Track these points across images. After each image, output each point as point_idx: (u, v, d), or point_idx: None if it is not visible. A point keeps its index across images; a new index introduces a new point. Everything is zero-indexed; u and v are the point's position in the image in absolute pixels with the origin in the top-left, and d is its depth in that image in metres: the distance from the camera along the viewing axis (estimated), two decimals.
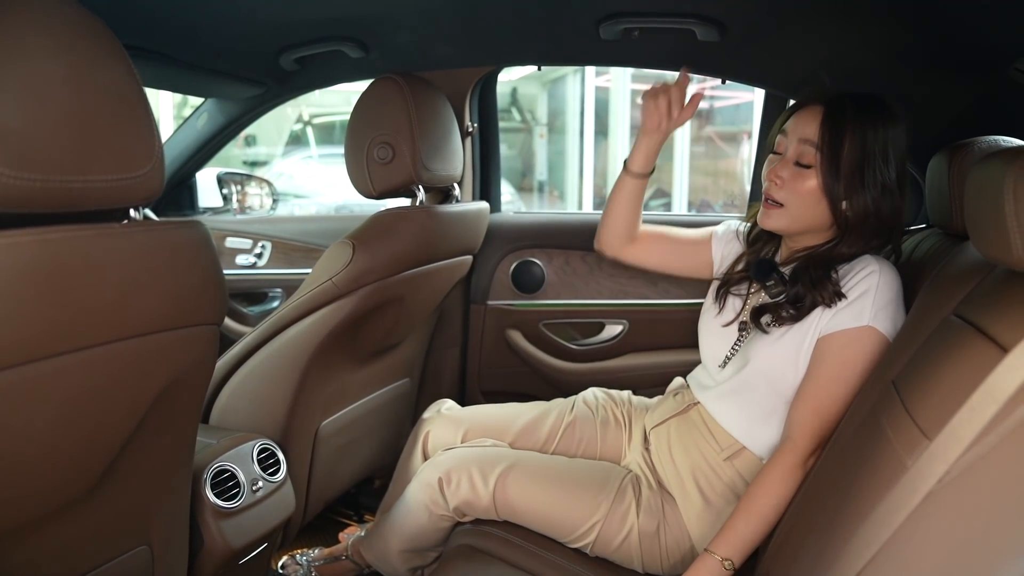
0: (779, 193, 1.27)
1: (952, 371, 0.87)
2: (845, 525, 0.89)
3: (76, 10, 0.82)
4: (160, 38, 1.63)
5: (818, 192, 1.24)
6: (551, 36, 1.73)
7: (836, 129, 1.22)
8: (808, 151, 1.24)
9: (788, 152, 1.28)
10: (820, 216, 1.26)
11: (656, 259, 1.55)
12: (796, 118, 1.28)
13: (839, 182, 1.22)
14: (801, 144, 1.25)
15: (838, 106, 1.24)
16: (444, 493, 1.42)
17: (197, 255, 0.95)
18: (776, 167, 1.28)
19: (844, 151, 1.22)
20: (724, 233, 1.53)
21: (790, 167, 1.27)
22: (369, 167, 1.56)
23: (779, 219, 1.28)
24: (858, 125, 1.22)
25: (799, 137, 1.26)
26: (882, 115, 1.25)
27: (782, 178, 1.26)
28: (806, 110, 1.27)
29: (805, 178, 1.25)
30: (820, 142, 1.23)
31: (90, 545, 1.03)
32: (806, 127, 1.25)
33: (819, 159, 1.23)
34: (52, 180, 0.76)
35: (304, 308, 1.52)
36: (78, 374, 0.85)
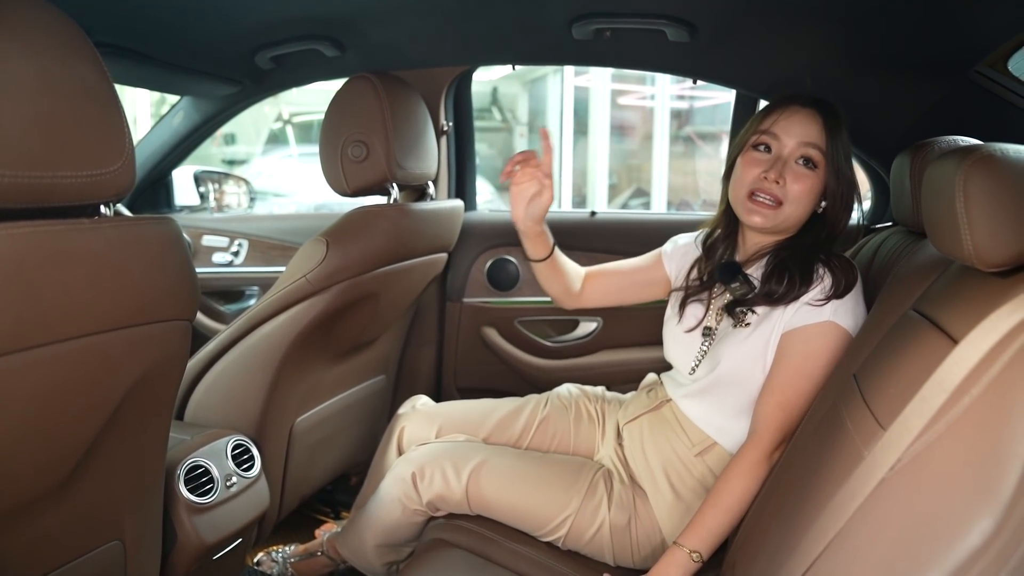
0: (779, 190, 1.28)
1: (907, 363, 0.89)
2: (806, 514, 0.91)
3: (47, 10, 0.82)
4: (136, 36, 1.63)
5: (816, 192, 1.29)
6: (524, 36, 1.75)
7: (835, 131, 1.28)
8: (814, 153, 1.28)
9: (786, 152, 1.29)
10: (805, 214, 1.31)
11: (613, 297, 1.59)
12: (789, 120, 1.30)
13: (840, 183, 1.28)
14: (804, 146, 1.28)
15: (831, 111, 1.30)
16: (417, 488, 1.43)
17: (168, 251, 0.96)
18: (778, 166, 1.28)
19: (842, 153, 1.28)
20: (673, 249, 1.56)
21: (792, 167, 1.29)
22: (343, 165, 1.57)
23: (774, 217, 1.29)
24: (845, 130, 1.30)
25: (801, 139, 1.28)
26: (845, 120, 1.31)
27: (785, 178, 1.28)
28: (801, 113, 1.30)
29: (808, 178, 1.28)
30: (826, 145, 1.27)
31: (62, 539, 1.03)
32: (806, 129, 1.28)
33: (825, 161, 1.28)
34: (20, 175, 0.77)
35: (278, 305, 1.53)
36: (47, 369, 0.86)
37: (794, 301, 1.25)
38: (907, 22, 1.39)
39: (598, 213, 2.15)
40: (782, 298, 1.26)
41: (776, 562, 0.93)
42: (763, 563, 1.00)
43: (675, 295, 1.49)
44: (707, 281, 1.43)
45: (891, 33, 1.44)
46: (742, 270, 1.36)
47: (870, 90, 1.61)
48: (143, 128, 5.72)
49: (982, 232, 0.81)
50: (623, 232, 2.14)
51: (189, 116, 2.21)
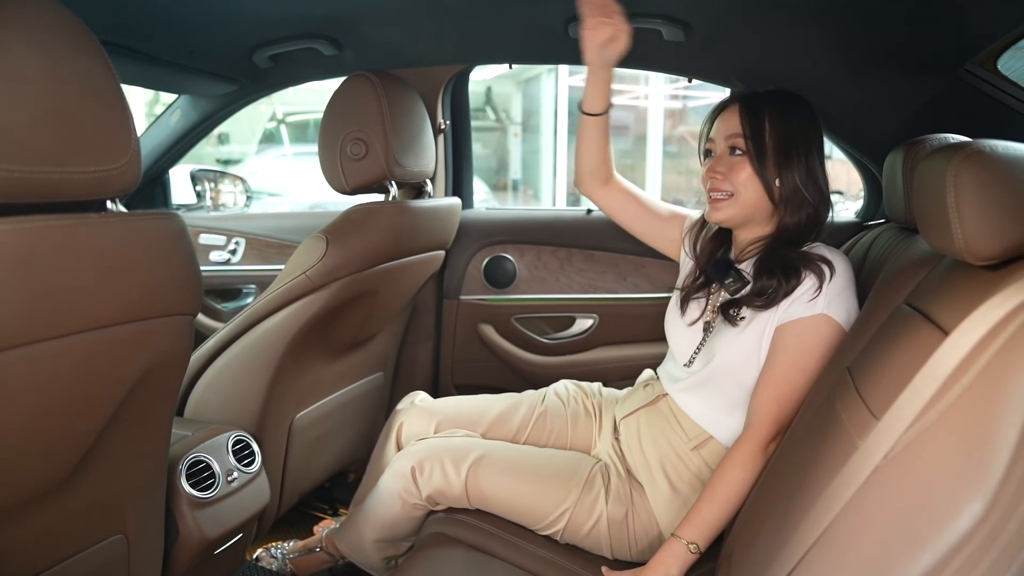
0: (724, 183, 1.34)
1: (900, 355, 0.91)
2: (801, 503, 0.93)
3: (54, 7, 0.84)
4: (133, 35, 1.64)
5: (752, 175, 1.32)
6: (521, 35, 1.76)
7: (754, 117, 1.33)
8: (739, 140, 1.33)
9: (719, 149, 1.36)
10: (760, 200, 1.33)
11: (629, 216, 1.60)
12: (719, 121, 1.38)
13: (767, 162, 1.31)
14: (730, 138, 1.34)
15: (752, 99, 1.36)
16: (417, 482, 1.45)
17: (174, 246, 0.97)
18: (712, 163, 1.36)
19: (766, 135, 1.32)
20: (690, 224, 1.57)
21: (725, 159, 1.35)
22: (342, 163, 1.58)
23: (728, 209, 1.35)
24: (775, 112, 1.33)
25: (725, 135, 1.35)
26: (794, 105, 1.35)
27: (721, 172, 1.34)
28: (726, 111, 1.37)
29: (740, 165, 1.33)
30: (744, 130, 1.32)
31: (66, 533, 1.04)
32: (729, 124, 1.35)
33: (747, 145, 1.32)
34: (30, 171, 0.78)
35: (278, 302, 1.54)
36: (55, 362, 0.87)
37: (786, 297, 1.27)
38: (898, 21, 1.41)
39: (594, 211, 2.17)
40: (773, 295, 1.28)
41: (772, 551, 0.95)
42: (759, 552, 1.02)
43: (676, 292, 1.51)
44: (705, 279, 1.46)
45: (883, 32, 1.46)
46: (734, 265, 1.39)
47: (863, 88, 1.63)
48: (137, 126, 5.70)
49: (972, 226, 0.83)
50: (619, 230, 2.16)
51: (186, 115, 2.22)
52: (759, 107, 1.33)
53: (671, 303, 1.52)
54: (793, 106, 1.35)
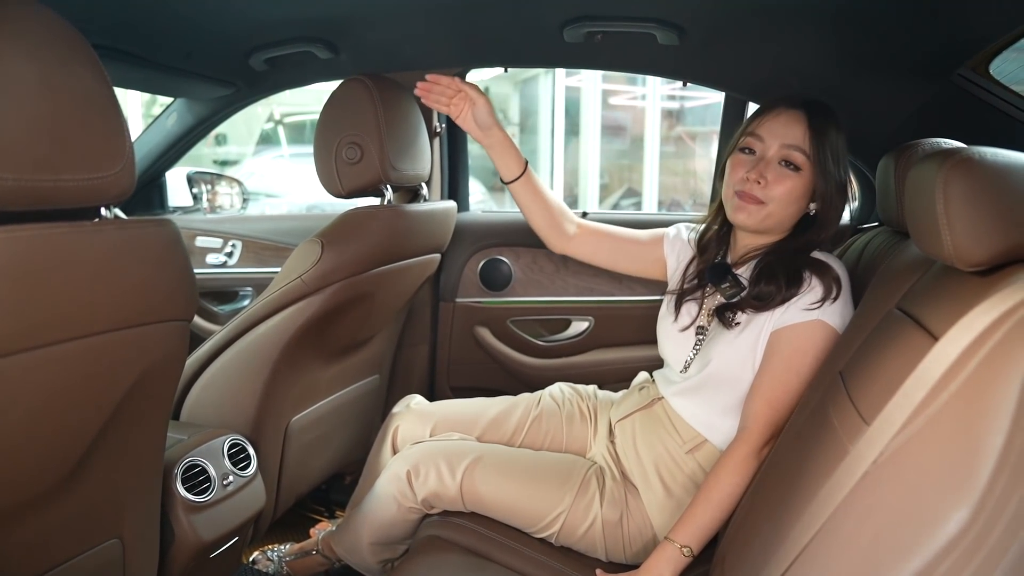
0: (762, 191, 1.30)
1: (891, 360, 0.92)
2: (793, 507, 0.94)
3: (48, 15, 0.84)
4: (129, 38, 1.64)
5: (800, 193, 1.30)
6: (517, 39, 1.77)
7: (821, 134, 1.29)
8: (796, 155, 1.30)
9: (770, 153, 1.32)
10: (794, 215, 1.33)
11: (604, 256, 1.60)
12: (774, 122, 1.32)
13: (828, 185, 1.30)
14: (786, 148, 1.30)
15: (819, 112, 1.31)
16: (412, 485, 1.45)
17: (168, 253, 0.97)
18: (760, 167, 1.31)
19: (829, 156, 1.29)
20: (675, 236, 1.57)
21: (774, 168, 1.31)
22: (338, 167, 1.58)
23: (756, 215, 1.32)
24: (836, 132, 1.31)
25: (783, 142, 1.30)
26: (837, 121, 1.33)
27: (767, 178, 1.30)
28: (785, 114, 1.32)
29: (791, 179, 1.30)
30: (810, 147, 1.29)
31: (62, 537, 1.04)
32: (789, 131, 1.30)
33: (809, 164, 1.29)
34: (24, 179, 0.78)
35: (274, 305, 1.54)
36: (50, 369, 0.87)
37: (783, 303, 1.27)
38: (891, 26, 1.42)
39: (589, 214, 2.18)
40: (769, 301, 1.28)
41: (765, 554, 0.96)
42: (752, 556, 1.02)
43: (669, 295, 1.51)
44: (700, 281, 1.45)
45: (876, 36, 1.47)
46: (732, 271, 1.38)
47: (857, 92, 1.64)
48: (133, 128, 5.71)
49: (961, 233, 0.84)
50: None
51: (182, 118, 2.22)
52: (827, 123, 1.30)
53: (663, 309, 1.51)
54: (837, 122, 1.33)
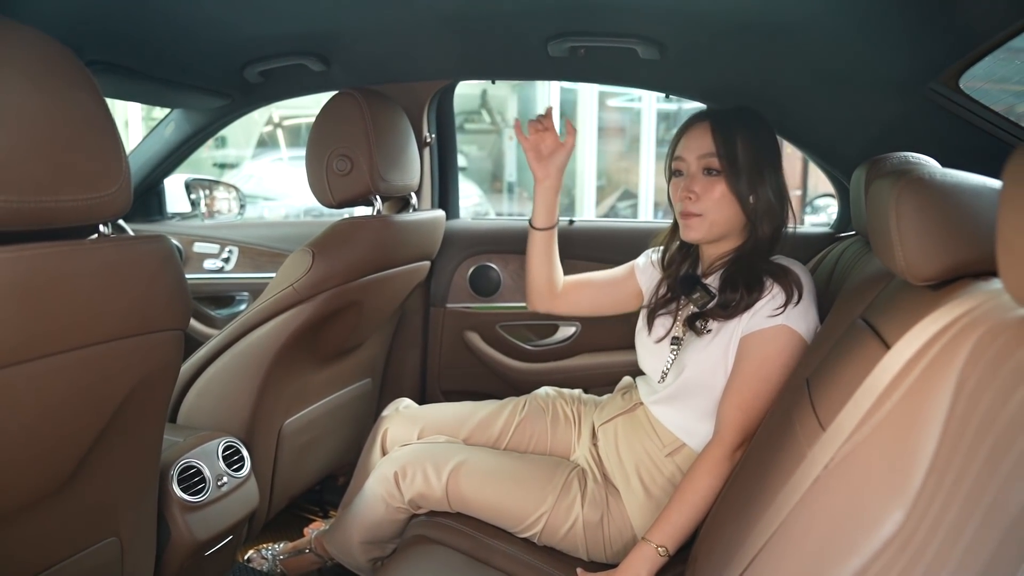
0: (696, 205, 1.37)
1: (848, 368, 0.97)
2: (755, 510, 0.98)
3: (47, 42, 0.89)
4: (127, 53, 1.69)
5: (728, 194, 1.36)
6: (502, 53, 1.81)
7: (728, 135, 1.36)
8: (711, 160, 1.36)
9: (692, 169, 1.39)
10: (734, 216, 1.37)
11: (586, 305, 1.66)
12: (687, 139, 1.40)
13: (742, 179, 1.35)
14: (703, 158, 1.37)
15: (723, 117, 1.39)
16: (400, 486, 1.50)
17: (162, 267, 1.02)
18: (687, 183, 1.39)
19: (739, 153, 1.35)
20: (645, 263, 1.63)
21: (699, 179, 1.38)
22: (329, 178, 1.63)
23: (699, 228, 1.38)
24: (745, 130, 1.37)
25: (699, 154, 1.38)
26: (759, 122, 1.40)
27: (695, 192, 1.37)
28: (694, 129, 1.40)
29: (715, 184, 1.36)
30: (718, 149, 1.35)
31: (61, 536, 1.09)
32: (701, 142, 1.38)
33: (722, 164, 1.35)
34: (26, 201, 0.83)
35: (267, 312, 1.59)
36: (51, 377, 0.92)
37: (747, 309, 1.32)
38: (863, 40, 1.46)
39: (576, 221, 2.23)
40: (734, 308, 1.33)
41: (728, 554, 1.00)
42: (718, 556, 1.07)
43: (644, 310, 1.56)
44: (673, 295, 1.50)
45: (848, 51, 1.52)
46: (701, 281, 1.43)
47: (831, 104, 1.68)
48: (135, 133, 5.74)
49: (912, 249, 0.88)
50: (601, 240, 2.21)
51: (180, 127, 2.27)
52: (731, 126, 1.37)
53: (639, 324, 1.56)
54: (759, 123, 1.40)
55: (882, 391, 0.81)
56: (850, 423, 0.84)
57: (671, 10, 1.47)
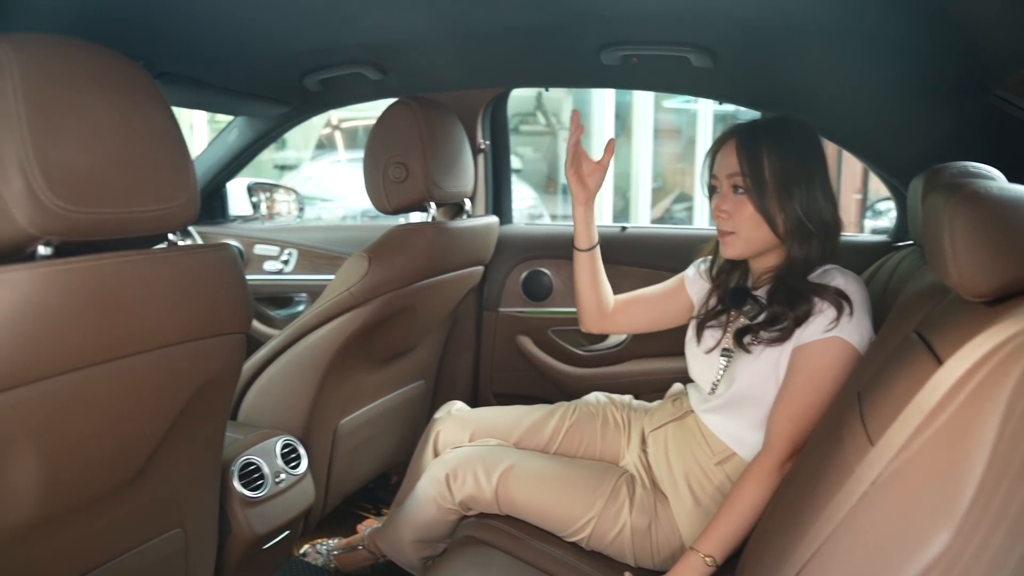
0: (727, 224, 1.37)
1: (900, 383, 0.95)
2: (801, 523, 0.98)
3: (126, 64, 0.95)
4: (195, 65, 1.76)
5: (755, 212, 1.34)
6: (556, 62, 1.83)
7: (752, 152, 1.34)
8: (737, 179, 1.35)
9: (723, 188, 1.38)
10: (766, 234, 1.36)
11: (641, 322, 1.67)
12: (719, 157, 1.40)
13: (767, 198, 1.33)
14: (731, 177, 1.36)
15: (749, 134, 1.37)
16: (451, 488, 1.53)
17: (226, 274, 1.07)
18: (718, 202, 1.39)
19: (765, 170, 1.33)
20: (694, 275, 1.62)
21: (730, 198, 1.37)
22: (385, 185, 1.68)
23: (734, 246, 1.38)
24: (773, 145, 1.34)
25: (727, 173, 1.37)
26: (794, 133, 1.37)
27: (726, 211, 1.37)
28: (723, 147, 1.39)
29: (743, 203, 1.35)
30: (742, 167, 1.34)
31: (132, 526, 1.16)
32: (728, 161, 1.37)
33: (746, 184, 1.34)
34: (105, 212, 0.89)
35: (324, 316, 1.65)
36: (126, 378, 0.98)
37: (798, 326, 1.30)
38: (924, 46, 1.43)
39: (628, 228, 2.23)
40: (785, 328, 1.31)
41: (774, 568, 1.00)
42: (765, 568, 1.06)
43: (693, 321, 1.55)
44: (723, 306, 1.49)
45: (910, 57, 1.48)
46: (751, 293, 1.42)
47: (890, 111, 1.65)
48: (200, 135, 5.93)
49: (966, 265, 0.87)
50: (653, 246, 2.21)
51: (243, 134, 2.35)
52: (757, 142, 1.34)
53: (688, 334, 1.55)
54: (793, 134, 1.37)
55: (932, 408, 0.80)
56: (899, 439, 0.83)
57: (723, 18, 1.46)
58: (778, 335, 1.32)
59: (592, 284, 1.62)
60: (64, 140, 0.85)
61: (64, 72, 0.87)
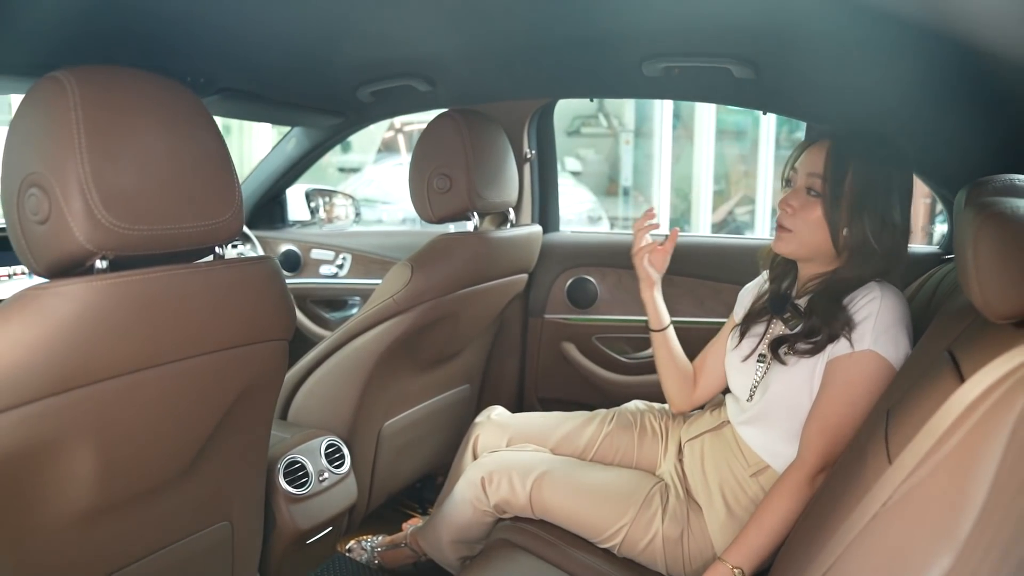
0: (789, 220, 1.37)
1: (924, 402, 0.94)
2: (820, 540, 0.98)
3: (176, 89, 1.02)
4: (254, 80, 1.85)
5: (822, 219, 1.33)
6: (599, 72, 1.86)
7: (840, 160, 1.32)
8: (815, 181, 1.34)
9: (799, 183, 1.38)
10: (823, 242, 1.34)
11: (719, 380, 1.63)
12: (807, 154, 1.38)
13: (839, 210, 1.31)
14: (810, 177, 1.36)
15: (844, 140, 1.35)
16: (486, 491, 1.57)
17: (269, 285, 1.14)
18: (787, 196, 1.38)
19: (847, 181, 1.32)
20: (740, 299, 1.62)
21: (800, 196, 1.36)
22: (429, 195, 1.73)
23: (788, 243, 1.38)
24: (862, 158, 1.32)
25: (808, 171, 1.36)
26: (887, 153, 1.34)
27: (792, 207, 1.36)
28: (816, 146, 1.37)
29: (812, 206, 1.34)
30: (825, 172, 1.33)
31: (182, 517, 1.24)
32: (814, 160, 1.36)
33: (824, 188, 1.33)
34: (155, 229, 0.96)
35: (369, 322, 1.71)
36: (173, 381, 1.05)
37: (831, 341, 1.29)
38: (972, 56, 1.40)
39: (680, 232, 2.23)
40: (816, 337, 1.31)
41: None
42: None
43: (736, 328, 1.54)
44: (765, 312, 1.49)
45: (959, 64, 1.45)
46: (792, 300, 1.42)
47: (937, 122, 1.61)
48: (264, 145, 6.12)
49: (989, 285, 0.85)
50: (698, 255, 2.21)
51: (300, 143, 2.45)
52: (849, 152, 1.33)
53: (729, 342, 1.55)
54: (884, 153, 1.35)
55: (945, 430, 0.80)
56: (912, 460, 0.83)
57: (764, 29, 1.46)
58: (811, 347, 1.32)
59: (672, 361, 1.65)
60: (119, 163, 0.92)
61: (121, 101, 0.94)
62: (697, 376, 1.66)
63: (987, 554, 0.63)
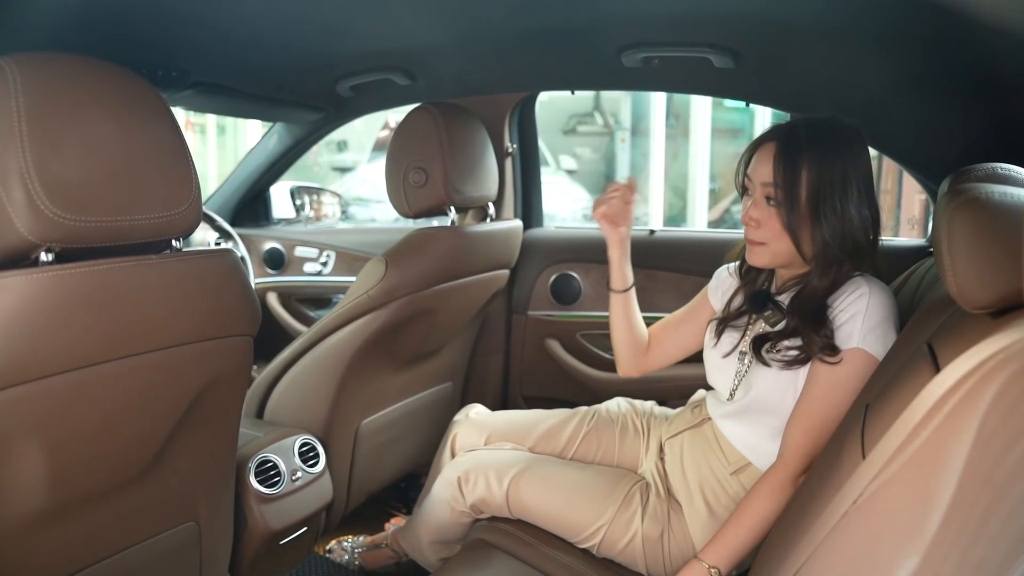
0: (756, 234, 1.30)
1: (899, 396, 0.91)
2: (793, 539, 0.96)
3: (128, 77, 0.99)
4: (228, 74, 1.82)
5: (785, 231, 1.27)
6: (578, 64, 1.83)
7: (790, 164, 1.24)
8: (770, 190, 1.27)
9: (756, 195, 1.30)
10: (794, 250, 1.28)
11: (674, 350, 1.61)
12: (757, 160, 1.30)
13: (797, 216, 1.25)
14: (763, 186, 1.28)
15: (791, 140, 1.27)
16: (463, 491, 1.54)
17: (227, 279, 1.11)
18: (749, 210, 1.31)
19: (801, 185, 1.24)
20: (717, 284, 1.56)
21: (761, 207, 1.29)
22: (405, 190, 1.70)
23: (763, 256, 1.32)
24: (814, 156, 1.24)
25: (761, 181, 1.28)
26: (837, 141, 1.26)
27: (756, 220, 1.29)
28: (762, 149, 1.30)
29: (775, 215, 1.27)
30: (776, 179, 1.26)
31: (145, 517, 1.21)
32: (764, 168, 1.28)
33: (778, 196, 1.26)
34: (105, 220, 0.93)
35: (343, 318, 1.68)
36: (126, 377, 1.03)
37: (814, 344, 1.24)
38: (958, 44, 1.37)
39: (657, 231, 2.20)
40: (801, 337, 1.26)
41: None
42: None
43: (713, 323, 1.51)
44: (745, 308, 1.45)
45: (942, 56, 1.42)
46: (772, 297, 1.38)
47: (920, 112, 1.58)
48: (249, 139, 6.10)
49: (963, 273, 0.83)
50: (681, 250, 2.18)
51: (282, 139, 2.43)
52: (798, 150, 1.25)
53: (707, 336, 1.51)
54: (838, 141, 1.26)
55: (917, 423, 0.76)
56: (883, 456, 0.80)
57: (743, 18, 1.43)
58: (791, 359, 1.27)
59: (628, 326, 1.59)
60: (64, 153, 0.89)
61: (66, 89, 0.91)
62: (651, 344, 1.62)
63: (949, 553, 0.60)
